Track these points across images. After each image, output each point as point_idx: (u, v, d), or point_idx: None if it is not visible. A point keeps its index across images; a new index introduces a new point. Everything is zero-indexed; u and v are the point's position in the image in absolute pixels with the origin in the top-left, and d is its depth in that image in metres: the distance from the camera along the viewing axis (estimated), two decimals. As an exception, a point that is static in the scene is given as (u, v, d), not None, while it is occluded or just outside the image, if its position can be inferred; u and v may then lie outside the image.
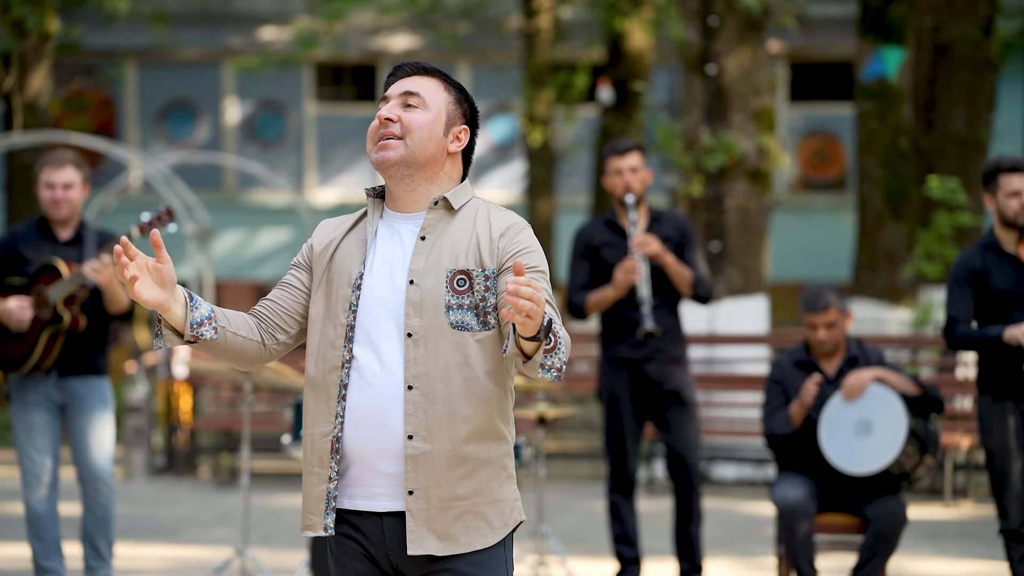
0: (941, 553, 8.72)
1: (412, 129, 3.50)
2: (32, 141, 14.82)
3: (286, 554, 8.43)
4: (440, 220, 3.50)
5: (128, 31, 21.66)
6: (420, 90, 3.53)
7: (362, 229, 3.56)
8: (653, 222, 7.21)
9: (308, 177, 22.11)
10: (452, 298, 3.43)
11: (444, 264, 3.45)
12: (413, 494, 3.39)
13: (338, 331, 3.46)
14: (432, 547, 3.40)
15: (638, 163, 7.12)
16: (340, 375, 3.43)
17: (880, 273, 13.89)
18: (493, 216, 3.53)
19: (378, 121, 3.52)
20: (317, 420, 3.46)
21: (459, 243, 3.47)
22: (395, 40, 22.22)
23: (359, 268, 3.48)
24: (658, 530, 8.70)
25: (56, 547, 6.87)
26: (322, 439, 3.44)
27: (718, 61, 11.74)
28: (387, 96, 3.55)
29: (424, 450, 3.39)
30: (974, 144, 12.43)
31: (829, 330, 6.58)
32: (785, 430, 6.55)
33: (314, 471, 3.46)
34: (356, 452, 3.43)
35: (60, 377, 6.82)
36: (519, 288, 3.12)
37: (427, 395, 3.39)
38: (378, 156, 3.51)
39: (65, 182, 6.82)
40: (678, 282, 7.11)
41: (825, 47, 21.49)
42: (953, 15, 12.40)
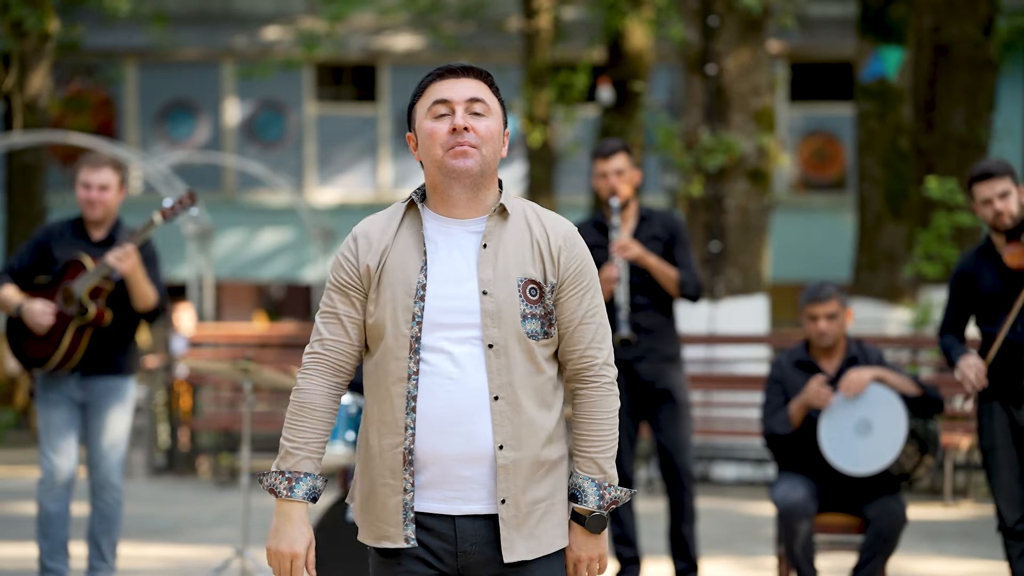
0: (941, 553, 8.72)
1: (487, 138, 3.48)
2: (32, 141, 14.83)
3: (286, 554, 8.41)
4: (497, 226, 3.50)
5: (128, 31, 21.66)
6: (483, 96, 3.50)
7: (411, 234, 3.52)
8: (642, 221, 7.20)
9: (308, 177, 22.11)
10: (526, 307, 3.46)
11: (513, 273, 3.47)
12: (505, 503, 3.45)
13: (400, 342, 3.43)
14: (523, 552, 3.47)
15: (623, 165, 7.10)
16: (407, 387, 3.42)
17: (880, 273, 13.90)
18: (544, 221, 3.54)
19: (450, 129, 3.46)
20: (383, 431, 3.46)
21: (522, 251, 3.49)
22: (395, 40, 22.23)
23: (419, 278, 3.45)
24: (657, 530, 8.71)
25: (63, 548, 6.87)
26: (392, 451, 3.44)
27: (718, 61, 11.75)
28: (448, 100, 3.48)
29: (513, 459, 3.45)
30: (974, 144, 12.43)
31: (830, 321, 6.58)
32: (784, 430, 6.55)
33: (386, 483, 3.45)
34: (432, 458, 3.44)
35: (83, 376, 6.83)
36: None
37: (512, 405, 3.44)
38: (460, 164, 3.45)
39: (101, 183, 6.83)
40: (664, 282, 7.10)
41: (825, 47, 21.50)
42: (953, 15, 12.40)
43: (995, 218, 6.20)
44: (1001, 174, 6.20)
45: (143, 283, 6.77)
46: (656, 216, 7.26)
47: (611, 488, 3.52)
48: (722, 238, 11.77)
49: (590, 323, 3.52)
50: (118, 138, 21.73)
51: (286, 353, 13.07)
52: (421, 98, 3.53)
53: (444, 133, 3.46)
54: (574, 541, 3.52)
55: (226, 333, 12.82)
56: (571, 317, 3.50)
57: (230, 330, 13.23)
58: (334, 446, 6.73)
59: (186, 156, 19.43)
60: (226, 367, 7.31)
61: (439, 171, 3.47)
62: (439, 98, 3.49)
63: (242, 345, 12.38)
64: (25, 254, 6.93)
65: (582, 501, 3.51)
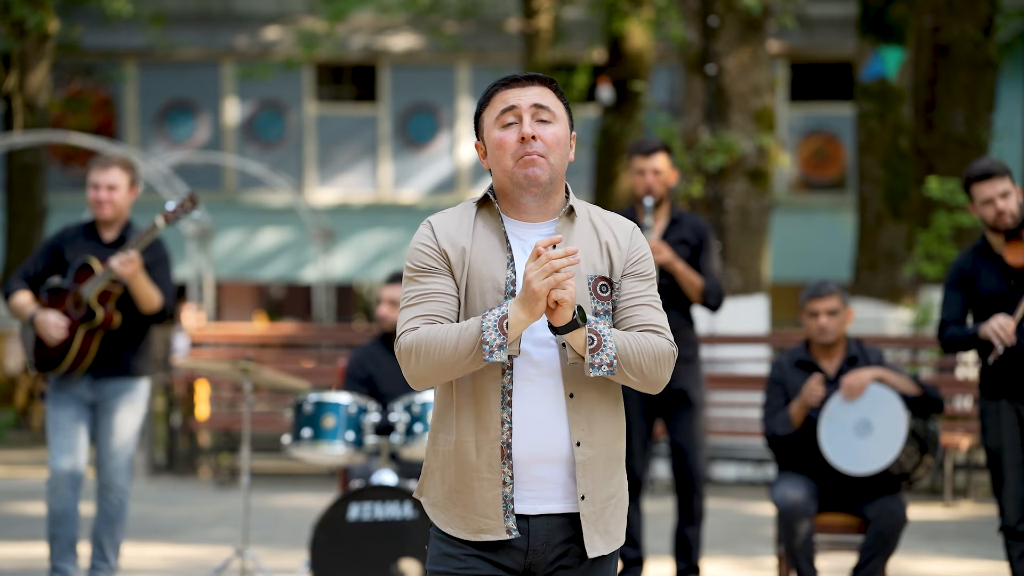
0: (941, 553, 8.72)
1: (554, 146, 3.53)
2: (32, 141, 14.83)
3: (286, 554, 8.43)
4: (565, 228, 3.56)
5: (128, 31, 21.66)
6: (549, 103, 3.55)
7: (490, 232, 3.55)
8: (673, 223, 7.18)
9: (308, 177, 22.11)
10: (598, 304, 3.53)
11: (583, 272, 3.53)
12: (585, 499, 3.50)
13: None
14: (601, 547, 3.54)
15: (662, 165, 7.10)
16: (503, 381, 3.47)
17: (880, 273, 13.90)
18: (607, 219, 3.62)
19: (519, 138, 3.51)
20: (480, 427, 3.48)
21: (590, 250, 3.55)
22: (395, 40, 22.22)
23: (507, 274, 3.50)
24: (658, 530, 8.70)
25: (70, 548, 6.88)
26: (489, 445, 3.47)
27: (718, 61, 11.74)
28: (515, 107, 3.53)
29: (590, 455, 3.51)
30: (974, 144, 12.43)
31: (831, 317, 6.58)
32: (785, 430, 6.55)
33: (484, 477, 3.47)
34: (516, 457, 3.48)
35: (95, 378, 6.85)
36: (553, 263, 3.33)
37: (587, 402, 3.51)
38: (528, 173, 3.50)
39: (109, 183, 6.84)
40: (688, 289, 7.09)
41: (825, 47, 21.50)
42: (953, 15, 12.40)
43: (996, 218, 6.19)
44: (1001, 174, 6.20)
45: (146, 287, 6.78)
46: (686, 219, 7.23)
47: (591, 318, 3.46)
48: (722, 238, 11.77)
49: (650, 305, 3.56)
50: (118, 138, 21.72)
51: (286, 353, 13.07)
52: (488, 107, 3.58)
53: (513, 142, 3.52)
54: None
55: (226, 333, 12.81)
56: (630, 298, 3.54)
57: (230, 330, 13.23)
58: (333, 446, 6.72)
59: (186, 156, 19.43)
60: (226, 367, 7.31)
61: (509, 180, 3.53)
62: (506, 106, 3.54)
63: (242, 345, 12.38)
64: (40, 259, 6.98)
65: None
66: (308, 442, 6.74)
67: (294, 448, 6.83)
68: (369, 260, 21.65)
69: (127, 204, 6.93)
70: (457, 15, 21.24)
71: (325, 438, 6.71)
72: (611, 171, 19.20)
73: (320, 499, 10.43)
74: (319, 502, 10.17)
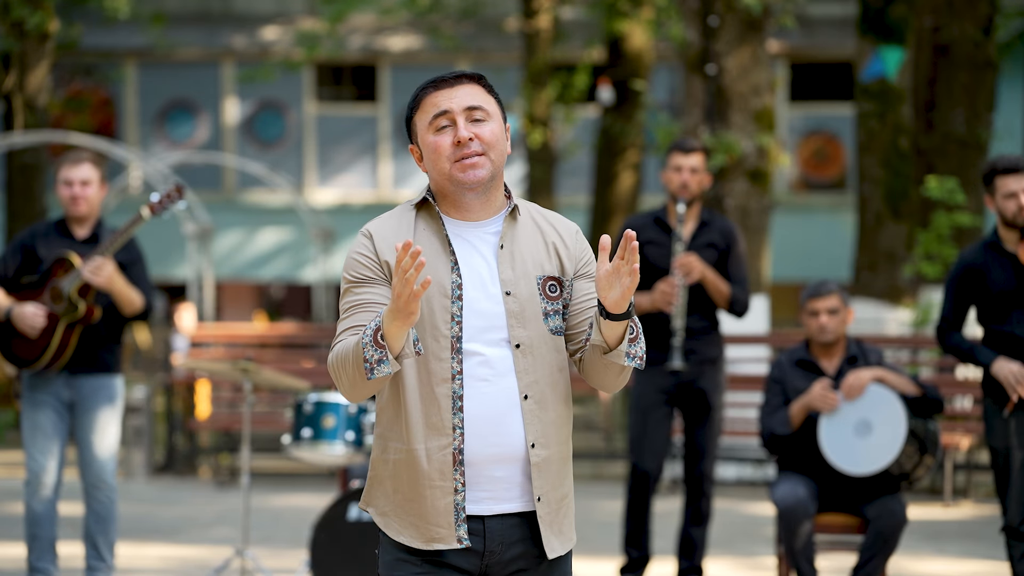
0: (941, 553, 8.72)
1: (492, 144, 3.49)
2: (32, 141, 14.82)
3: (286, 554, 8.42)
4: (511, 227, 3.54)
5: (128, 31, 21.66)
6: (481, 102, 3.50)
7: (431, 235, 3.51)
8: (702, 225, 7.16)
9: (308, 177, 22.10)
10: (548, 304, 3.50)
11: (531, 271, 3.50)
12: (541, 500, 3.48)
13: (442, 343, 3.43)
14: (558, 547, 3.52)
15: (699, 165, 7.11)
16: (452, 387, 3.43)
17: (880, 273, 13.89)
18: (550, 219, 3.61)
19: (454, 142, 3.46)
20: (430, 434, 3.44)
21: (536, 249, 3.54)
22: (395, 40, 22.22)
23: (452, 278, 3.46)
24: (660, 530, 8.70)
25: (51, 548, 6.86)
26: (440, 452, 3.43)
27: (718, 61, 11.74)
28: (447, 111, 3.48)
29: (544, 456, 3.48)
30: (974, 144, 12.42)
31: (831, 316, 6.58)
32: (784, 430, 6.55)
33: (436, 485, 3.43)
34: (469, 461, 3.45)
35: (71, 375, 6.82)
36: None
37: (540, 403, 3.48)
38: (471, 176, 3.46)
39: (82, 179, 6.81)
40: (716, 297, 7.08)
41: (825, 47, 21.50)
42: (953, 15, 12.39)
43: (1018, 212, 6.20)
44: None
45: (125, 290, 6.74)
46: (716, 222, 7.21)
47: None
48: (722, 238, 11.76)
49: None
50: (118, 138, 21.72)
51: (286, 353, 13.06)
52: (418, 111, 3.53)
53: (449, 146, 3.47)
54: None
55: (226, 333, 12.81)
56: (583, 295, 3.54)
57: (230, 330, 13.22)
58: (333, 446, 6.72)
59: (186, 156, 19.43)
60: (226, 367, 7.30)
61: (449, 182, 3.49)
62: (438, 111, 3.49)
63: (242, 345, 12.37)
64: (10, 257, 6.88)
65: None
66: (308, 442, 6.74)
67: (294, 448, 6.83)
68: (369, 260, 21.63)
69: (99, 200, 6.88)
70: (457, 15, 21.24)
71: (325, 438, 6.71)
72: (611, 171, 19.19)
73: (320, 499, 10.43)
74: (319, 502, 10.16)
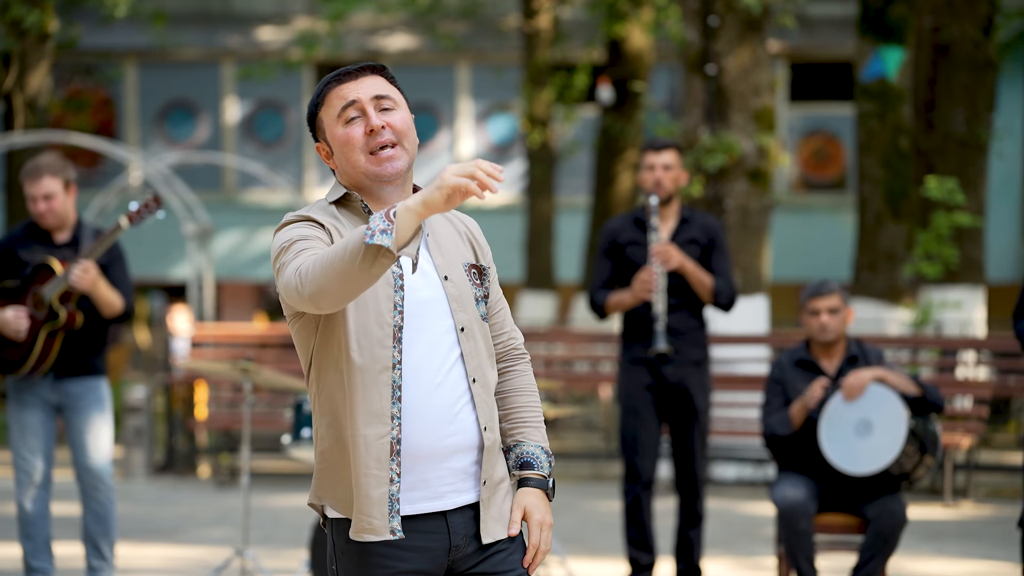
0: (941, 553, 8.72)
1: (404, 132, 3.44)
2: (32, 141, 14.82)
3: (286, 554, 8.43)
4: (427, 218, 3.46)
5: (128, 31, 21.66)
6: (387, 91, 3.45)
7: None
8: (682, 223, 7.15)
9: (308, 177, 22.10)
10: (476, 291, 3.49)
11: (456, 258, 3.48)
12: (486, 484, 3.44)
13: (384, 331, 3.35)
14: (497, 531, 3.45)
15: (672, 161, 7.08)
16: (392, 375, 3.35)
17: (880, 273, 13.89)
18: (456, 213, 3.61)
19: (366, 131, 3.40)
20: (369, 420, 3.34)
21: (454, 239, 3.51)
22: (394, 40, 22.22)
23: (393, 268, 3.35)
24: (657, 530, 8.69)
25: (45, 547, 6.86)
26: (378, 440, 3.34)
27: (718, 61, 11.74)
28: (355, 101, 3.41)
29: (492, 439, 3.45)
30: (974, 144, 12.42)
31: (832, 316, 6.58)
32: (784, 431, 6.55)
33: (371, 473, 3.33)
34: (422, 453, 3.37)
35: (56, 379, 6.81)
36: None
37: (484, 386, 3.45)
38: (388, 169, 3.41)
39: (44, 193, 6.72)
40: (699, 290, 7.06)
41: (825, 47, 21.50)
42: (953, 15, 12.39)
43: None
44: None
45: (106, 293, 6.71)
46: (697, 218, 7.20)
47: (551, 456, 3.57)
48: (722, 238, 11.76)
49: (504, 306, 3.62)
50: (118, 138, 21.72)
51: (286, 353, 13.06)
52: (324, 106, 3.46)
53: (360, 136, 3.41)
54: (534, 505, 3.49)
55: (226, 333, 12.81)
56: (494, 300, 3.57)
57: (230, 330, 13.23)
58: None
59: (186, 156, 19.42)
60: (226, 367, 7.31)
61: (365, 175, 3.42)
62: (345, 102, 3.42)
63: (242, 345, 12.38)
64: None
65: (538, 468, 3.52)
66: (308, 442, 6.74)
67: (294, 448, 6.83)
68: (369, 260, 21.64)
69: (68, 206, 6.78)
70: (457, 15, 21.24)
71: (325, 438, 6.71)
72: (611, 171, 19.19)
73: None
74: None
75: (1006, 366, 11.64)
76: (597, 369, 13.43)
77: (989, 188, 13.21)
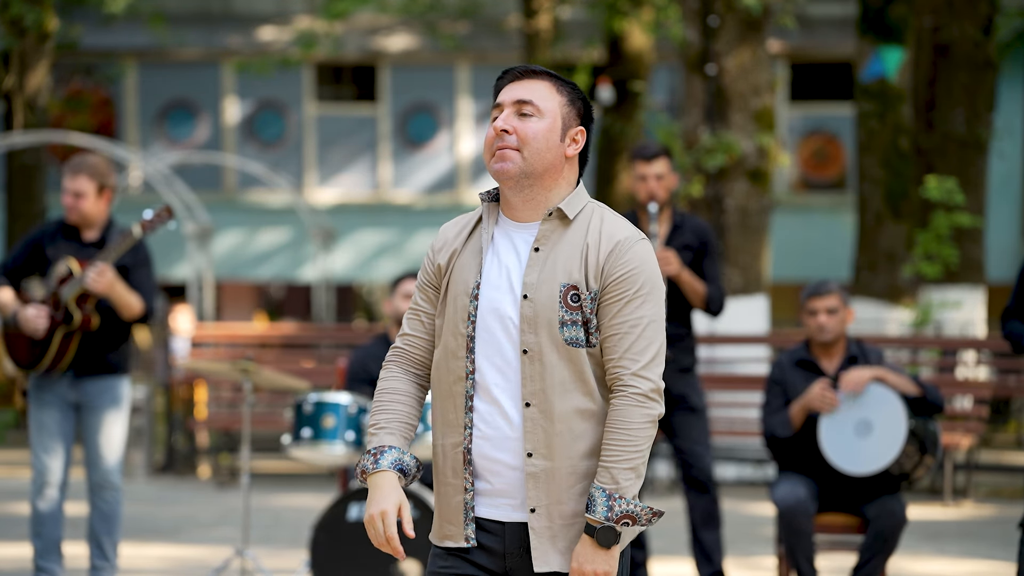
0: (941, 553, 8.72)
1: (528, 140, 3.46)
2: (32, 141, 14.83)
3: (286, 554, 8.43)
4: (555, 230, 3.48)
5: (128, 31, 21.65)
6: (533, 97, 3.48)
7: (479, 234, 3.53)
8: (675, 228, 7.12)
9: (308, 177, 22.10)
10: (566, 314, 3.42)
11: (558, 278, 3.43)
12: (535, 512, 3.43)
13: (459, 341, 3.45)
14: (557, 563, 3.44)
15: (664, 170, 7.05)
16: (465, 386, 3.44)
17: (880, 273, 13.89)
18: (605, 227, 3.48)
19: (493, 132, 3.48)
20: (447, 431, 3.48)
21: (572, 256, 3.46)
22: (395, 40, 22.22)
23: (475, 277, 3.46)
24: (656, 530, 8.70)
25: (55, 548, 6.87)
26: (454, 450, 3.46)
27: (718, 61, 11.74)
28: (500, 104, 3.51)
29: (543, 467, 3.42)
30: (974, 144, 12.43)
31: (830, 316, 6.57)
32: (785, 432, 6.54)
33: (449, 482, 3.47)
34: (488, 462, 3.45)
35: (76, 377, 6.83)
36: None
37: (545, 412, 3.41)
38: (496, 167, 3.47)
39: (75, 190, 6.78)
40: (691, 297, 7.05)
41: (825, 47, 21.49)
42: (953, 15, 12.40)
43: None
44: None
45: (124, 296, 6.72)
46: (688, 223, 7.18)
47: (621, 500, 3.36)
48: (722, 238, 11.77)
49: (629, 333, 3.41)
50: (118, 138, 21.72)
51: (286, 353, 13.06)
52: (494, 100, 3.59)
53: (491, 136, 3.50)
54: (579, 552, 3.39)
55: (226, 333, 12.81)
56: (608, 324, 3.43)
57: (230, 330, 13.23)
58: (333, 446, 6.72)
59: (186, 156, 19.42)
60: (226, 367, 7.30)
61: (491, 175, 3.52)
62: (496, 102, 3.54)
63: (242, 345, 12.37)
64: (20, 253, 6.93)
65: (590, 511, 3.37)
66: (308, 442, 6.74)
67: (294, 448, 6.83)
68: (369, 260, 21.65)
69: (98, 210, 6.82)
70: (457, 15, 21.24)
71: (325, 438, 6.71)
72: (611, 171, 19.20)
73: (320, 499, 10.43)
74: (319, 502, 10.16)
75: (1006, 366, 11.65)
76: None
77: (989, 188, 13.21)
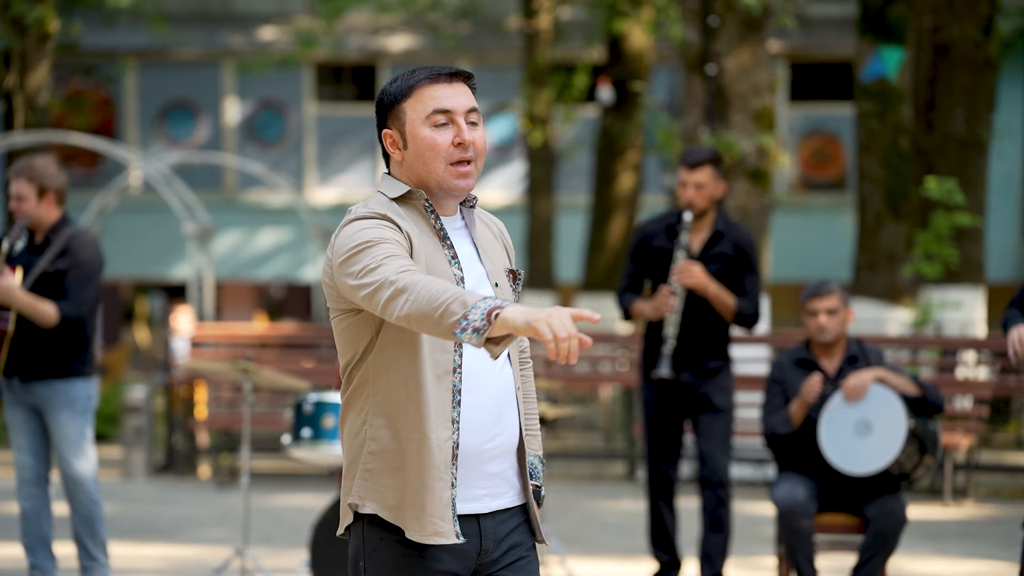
0: (941, 553, 8.72)
1: (481, 151, 3.44)
2: (32, 141, 14.82)
3: (286, 554, 8.43)
4: (472, 223, 3.51)
5: (128, 31, 21.66)
6: (475, 105, 3.45)
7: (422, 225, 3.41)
8: (713, 237, 7.06)
9: (308, 177, 22.11)
10: (515, 296, 3.53)
11: (499, 264, 3.52)
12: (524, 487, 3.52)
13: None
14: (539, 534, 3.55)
15: (706, 179, 6.94)
16: (453, 379, 3.38)
17: (880, 273, 13.89)
18: (490, 216, 3.62)
19: (455, 142, 3.39)
20: (436, 426, 3.37)
21: (493, 243, 3.55)
22: (394, 40, 22.22)
23: (455, 271, 3.39)
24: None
25: (41, 544, 6.84)
26: (443, 444, 3.37)
27: (718, 61, 11.74)
28: (451, 111, 3.41)
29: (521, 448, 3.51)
30: (974, 144, 12.42)
31: (830, 316, 6.57)
32: (785, 430, 6.55)
33: (440, 477, 3.36)
34: (468, 456, 3.40)
35: (22, 382, 6.74)
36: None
37: (525, 392, 3.56)
38: (463, 184, 3.40)
39: (15, 194, 6.67)
40: (721, 311, 7.01)
41: (825, 47, 21.50)
42: (953, 15, 12.39)
43: None
44: None
45: (29, 305, 6.52)
46: (731, 232, 7.08)
47: (545, 464, 3.63)
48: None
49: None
50: (118, 138, 21.72)
51: (286, 353, 13.06)
52: (411, 99, 3.44)
53: (447, 145, 3.40)
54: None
55: (226, 333, 12.80)
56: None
57: (230, 330, 13.22)
58: (333, 446, 6.72)
59: (186, 156, 19.42)
60: (226, 367, 7.30)
61: (438, 184, 3.41)
62: (440, 107, 3.41)
63: (242, 345, 12.37)
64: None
65: (535, 478, 3.57)
66: (308, 442, 6.74)
67: (294, 448, 6.83)
68: (369, 260, 21.63)
69: (42, 213, 6.68)
70: (457, 15, 21.24)
71: (325, 438, 6.71)
72: (611, 171, 19.19)
73: (320, 499, 10.42)
74: (319, 502, 10.16)
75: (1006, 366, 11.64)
76: (597, 369, 13.43)
77: (989, 188, 13.19)
